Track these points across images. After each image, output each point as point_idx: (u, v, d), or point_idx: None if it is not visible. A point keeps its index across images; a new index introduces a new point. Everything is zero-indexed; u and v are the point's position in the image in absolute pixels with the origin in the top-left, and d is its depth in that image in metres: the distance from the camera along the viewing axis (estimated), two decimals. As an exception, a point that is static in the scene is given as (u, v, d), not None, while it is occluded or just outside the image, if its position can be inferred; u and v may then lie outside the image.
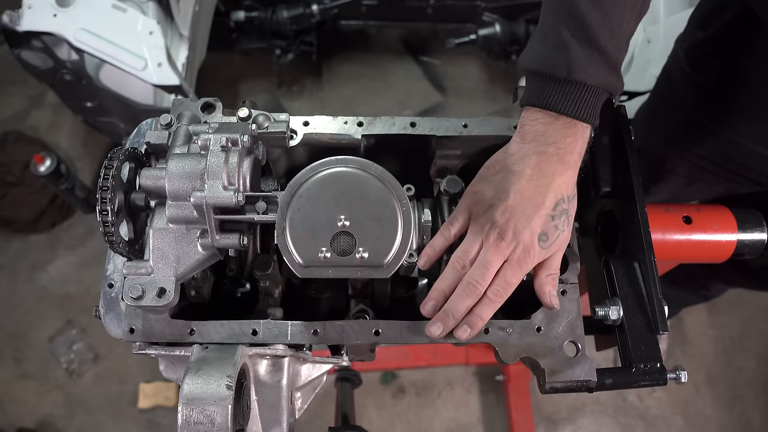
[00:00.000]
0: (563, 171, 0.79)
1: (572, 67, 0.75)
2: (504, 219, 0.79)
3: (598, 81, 0.76)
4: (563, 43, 0.76)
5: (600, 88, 0.77)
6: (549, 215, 0.80)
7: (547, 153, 0.78)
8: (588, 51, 0.75)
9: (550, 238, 0.81)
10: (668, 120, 1.39)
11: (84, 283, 2.71)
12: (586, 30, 0.75)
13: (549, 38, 0.79)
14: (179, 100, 0.93)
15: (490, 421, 2.51)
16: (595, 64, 0.76)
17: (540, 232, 0.79)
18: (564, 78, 0.76)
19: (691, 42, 1.26)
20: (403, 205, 0.78)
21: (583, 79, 0.75)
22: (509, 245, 0.79)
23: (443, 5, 2.88)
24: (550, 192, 0.78)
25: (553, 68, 0.77)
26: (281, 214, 0.77)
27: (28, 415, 2.47)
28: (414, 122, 0.95)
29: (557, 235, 0.81)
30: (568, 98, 0.76)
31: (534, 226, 0.79)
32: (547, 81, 0.78)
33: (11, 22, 1.98)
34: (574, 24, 0.76)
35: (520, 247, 0.79)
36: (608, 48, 0.75)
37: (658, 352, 0.87)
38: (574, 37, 0.75)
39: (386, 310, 0.97)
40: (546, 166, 0.78)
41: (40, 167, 2.51)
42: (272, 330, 0.84)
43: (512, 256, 0.80)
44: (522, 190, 0.79)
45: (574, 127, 0.78)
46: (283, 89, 3.22)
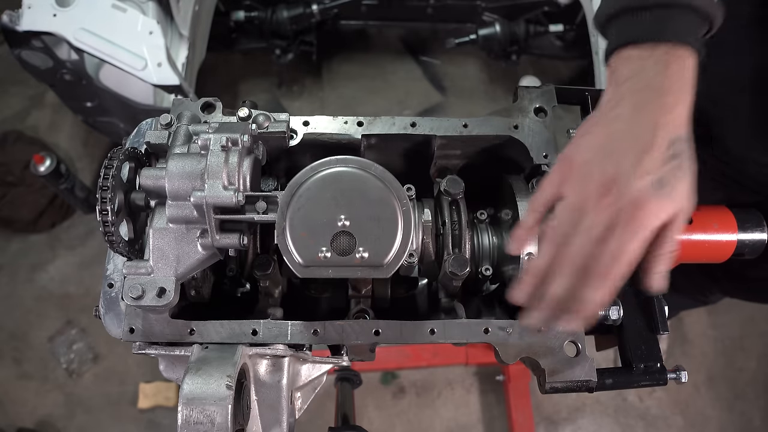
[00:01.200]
0: (673, 106, 0.66)
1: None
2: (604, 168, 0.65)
3: (698, 3, 0.68)
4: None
5: (699, 10, 0.69)
6: (663, 157, 0.64)
7: (649, 88, 0.67)
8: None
9: (668, 185, 0.64)
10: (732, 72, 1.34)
11: (84, 283, 2.71)
12: None
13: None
14: (179, 100, 0.93)
15: (490, 421, 2.51)
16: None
17: (653, 178, 0.64)
18: (655, 3, 0.68)
19: None
20: (403, 205, 0.78)
21: (686, 1, 0.68)
22: (617, 200, 0.64)
23: (443, 5, 2.88)
24: (659, 129, 0.65)
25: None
26: (281, 214, 0.77)
27: (28, 415, 2.47)
28: (414, 122, 0.95)
29: (676, 183, 0.65)
30: (665, 23, 0.68)
31: (643, 170, 0.64)
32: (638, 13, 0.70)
33: (11, 22, 1.98)
34: None
35: (630, 199, 0.63)
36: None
37: (658, 352, 0.87)
38: None
39: (386, 310, 0.97)
40: (650, 102, 0.66)
41: (40, 167, 2.51)
42: (272, 330, 0.83)
43: (622, 214, 0.64)
44: (624, 132, 0.66)
45: (676, 53, 0.68)
46: (283, 89, 3.23)
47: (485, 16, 2.89)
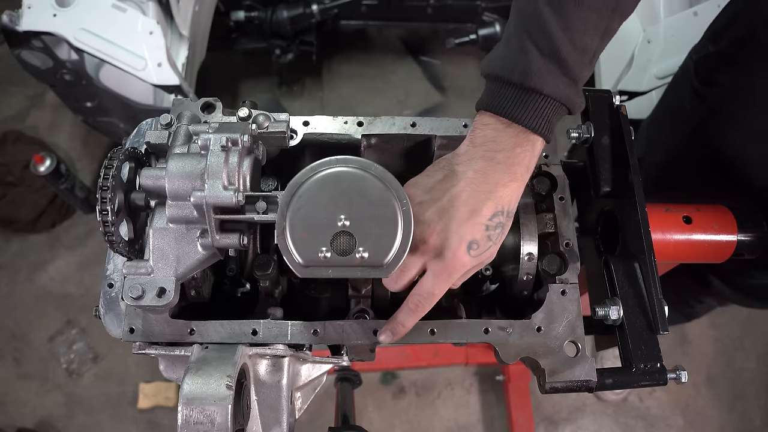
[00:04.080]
0: (508, 182, 0.74)
1: (529, 74, 0.72)
2: (432, 219, 0.75)
3: (554, 92, 0.73)
4: (523, 49, 0.73)
5: (556, 101, 0.73)
6: (484, 224, 0.74)
7: (494, 160, 0.74)
8: (547, 60, 0.72)
9: (480, 247, 0.75)
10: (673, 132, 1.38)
11: (84, 283, 2.71)
12: (546, 38, 0.71)
13: (511, 43, 0.75)
14: (179, 100, 0.93)
15: (490, 421, 2.51)
16: (553, 75, 0.72)
17: (471, 239, 0.74)
18: (519, 84, 0.73)
19: (701, 55, 1.25)
20: (403, 205, 0.78)
21: (539, 88, 0.72)
22: (432, 249, 0.75)
23: (443, 5, 2.88)
24: (489, 200, 0.74)
25: (509, 73, 0.74)
26: (281, 214, 0.76)
27: (28, 415, 2.47)
28: (414, 122, 0.95)
29: (488, 247, 0.75)
30: (522, 105, 0.73)
31: (464, 233, 0.73)
32: (503, 85, 0.75)
33: (11, 22, 1.98)
34: (535, 31, 0.72)
35: (448, 253, 0.74)
36: (569, 60, 0.72)
37: (658, 352, 0.87)
38: (535, 45, 0.72)
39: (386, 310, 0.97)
40: (490, 174, 0.74)
41: (40, 167, 2.51)
42: (272, 330, 0.83)
43: (436, 262, 0.75)
44: (460, 193, 0.74)
45: (526, 137, 0.74)
46: (283, 89, 3.22)
47: (485, 16, 2.89)
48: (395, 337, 0.81)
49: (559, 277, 0.90)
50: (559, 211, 0.94)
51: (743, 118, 1.15)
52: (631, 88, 2.26)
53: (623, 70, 2.30)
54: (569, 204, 0.95)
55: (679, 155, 1.35)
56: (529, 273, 0.94)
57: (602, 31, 0.74)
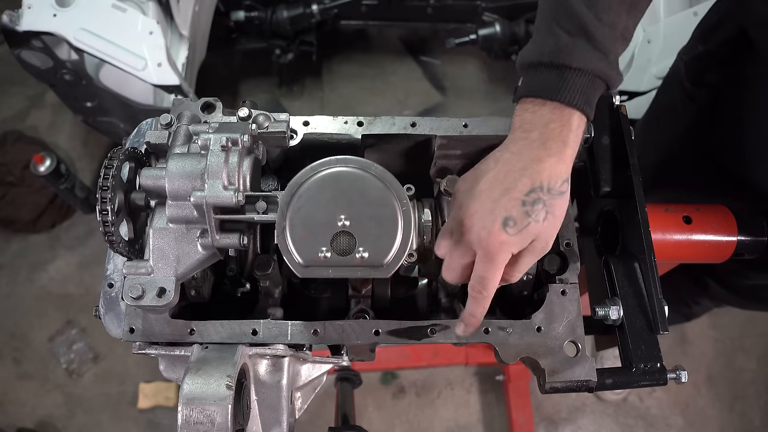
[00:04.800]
0: (544, 157, 0.73)
1: (558, 52, 0.74)
2: (468, 204, 0.75)
3: (584, 64, 0.73)
4: (551, 32, 0.75)
5: (589, 73, 0.74)
6: (519, 200, 0.72)
7: (529, 138, 0.74)
8: (575, 37, 0.74)
9: (518, 224, 0.72)
10: (665, 132, 1.38)
11: (84, 283, 2.71)
12: (572, 18, 0.73)
13: (539, 32, 0.78)
14: (179, 100, 0.93)
15: (490, 421, 2.51)
16: (581, 49, 0.74)
17: (505, 216, 0.72)
18: (549, 63, 0.75)
19: (691, 55, 1.25)
20: (403, 205, 0.78)
21: (568, 62, 0.73)
22: (469, 232, 0.74)
23: (443, 5, 2.88)
24: (524, 177, 0.73)
25: (539, 56, 0.76)
26: (281, 213, 0.77)
27: (28, 415, 2.47)
28: (414, 122, 0.95)
29: (527, 223, 0.72)
30: (554, 82, 0.74)
31: (498, 210, 0.72)
32: (535, 70, 0.77)
33: (11, 22, 1.98)
34: (562, 14, 0.75)
35: (483, 233, 0.73)
36: (596, 34, 0.73)
37: (658, 352, 0.87)
38: (561, 27, 0.74)
39: (386, 310, 0.97)
40: (525, 152, 0.74)
41: (40, 167, 2.51)
42: (272, 330, 0.83)
43: (477, 245, 0.74)
44: (496, 174, 0.75)
45: (560, 112, 0.74)
46: (283, 89, 3.22)
47: (485, 16, 2.89)
48: (470, 328, 0.80)
49: (559, 277, 0.90)
50: (559, 211, 0.94)
51: (734, 117, 1.15)
52: (631, 88, 2.26)
53: (623, 70, 2.30)
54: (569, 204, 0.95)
55: (672, 155, 1.35)
56: (529, 273, 0.94)
57: (628, 5, 0.76)
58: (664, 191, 1.39)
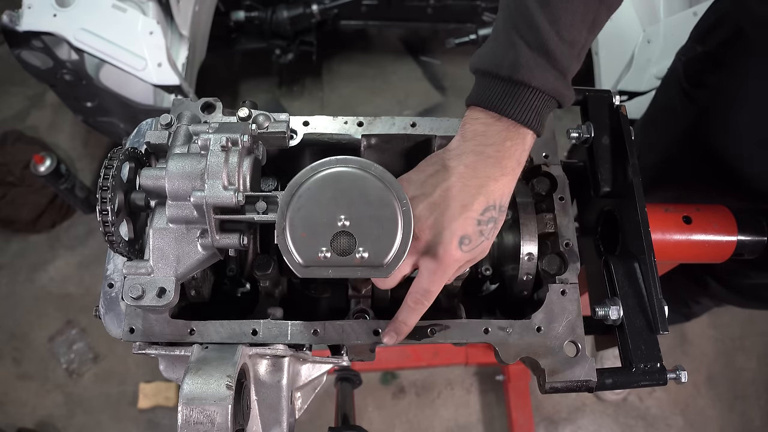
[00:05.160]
0: (499, 176, 0.74)
1: (517, 67, 0.72)
2: (424, 214, 0.75)
3: (543, 85, 0.72)
4: (511, 43, 0.73)
5: (545, 94, 0.73)
6: (475, 219, 0.74)
7: (484, 154, 0.74)
8: (535, 53, 0.72)
9: (472, 242, 0.74)
10: (664, 133, 1.38)
11: (84, 283, 2.71)
12: (534, 32, 0.72)
13: (499, 38, 0.76)
14: (179, 100, 0.93)
15: (490, 421, 2.51)
16: (541, 67, 0.72)
17: (462, 235, 0.74)
18: (507, 77, 0.73)
19: (689, 56, 1.25)
20: (403, 205, 0.78)
21: (527, 80, 0.72)
22: (423, 245, 0.75)
23: (443, 5, 2.88)
24: (480, 195, 0.74)
25: (497, 67, 0.74)
26: (281, 214, 0.76)
27: (28, 415, 2.47)
28: (414, 122, 0.95)
29: (480, 242, 0.75)
30: (511, 99, 0.73)
31: (456, 228, 0.73)
32: (492, 80, 0.75)
33: (11, 22, 1.98)
34: (523, 25, 0.72)
35: (439, 249, 0.74)
36: (556, 52, 0.72)
37: (658, 352, 0.87)
38: (522, 39, 0.72)
39: (386, 310, 0.97)
40: (481, 168, 0.74)
41: (40, 167, 2.51)
42: (272, 330, 0.83)
43: (428, 259, 0.75)
44: (450, 188, 0.74)
45: (516, 131, 0.74)
46: (283, 89, 3.22)
47: (485, 16, 2.89)
48: (399, 336, 0.81)
49: (559, 277, 0.90)
50: (559, 211, 0.94)
51: (733, 117, 1.15)
52: (631, 88, 2.26)
53: (623, 70, 2.30)
54: (569, 204, 0.95)
55: (671, 155, 1.35)
56: (529, 273, 0.94)
57: (590, 23, 0.75)
58: (664, 191, 1.39)
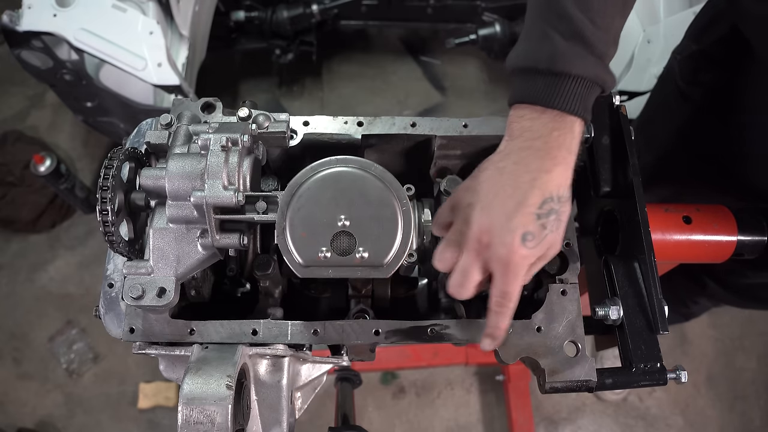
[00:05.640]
0: (551, 167, 0.73)
1: (555, 58, 0.73)
2: (478, 219, 0.73)
3: (583, 71, 0.73)
4: (545, 36, 0.74)
5: (587, 79, 0.73)
6: (534, 213, 0.72)
7: (533, 148, 0.73)
8: (571, 42, 0.72)
9: (536, 238, 0.72)
10: (661, 131, 1.38)
11: (84, 283, 2.71)
12: (567, 21, 0.72)
13: (532, 34, 0.77)
14: (179, 100, 0.93)
15: (490, 421, 2.51)
16: (579, 54, 0.73)
17: (523, 231, 0.72)
18: (547, 69, 0.73)
19: (685, 54, 1.26)
20: (403, 205, 0.78)
21: (567, 70, 0.72)
22: (487, 249, 0.73)
23: (443, 5, 2.88)
24: (534, 189, 0.72)
25: (535, 62, 0.74)
26: (281, 213, 0.77)
27: (28, 415, 2.47)
28: (414, 122, 0.95)
29: (545, 236, 0.73)
30: (553, 90, 0.73)
31: (515, 225, 0.71)
32: (532, 75, 0.75)
33: (11, 22, 1.98)
34: (555, 17, 0.73)
35: (503, 249, 0.72)
36: (592, 39, 0.72)
37: (658, 352, 0.87)
38: (556, 30, 0.73)
39: (386, 310, 0.97)
40: (531, 162, 0.73)
41: (40, 167, 2.51)
42: (272, 330, 0.84)
43: (496, 262, 0.73)
44: (503, 187, 0.73)
45: (563, 120, 0.74)
46: (283, 89, 3.22)
47: (485, 16, 2.89)
48: (496, 342, 0.79)
49: (559, 277, 0.90)
50: (559, 211, 0.94)
51: (728, 115, 1.15)
52: (631, 88, 2.26)
53: (623, 70, 2.30)
54: (569, 204, 0.95)
55: (668, 153, 1.35)
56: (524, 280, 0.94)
57: (620, 6, 0.76)
58: (660, 189, 1.39)
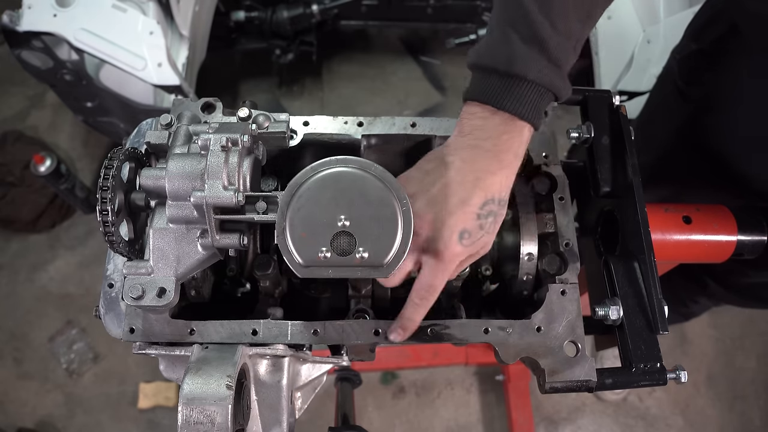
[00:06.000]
0: (497, 170, 0.74)
1: (512, 61, 0.72)
2: (422, 210, 0.75)
3: (539, 78, 0.73)
4: (505, 38, 0.73)
5: (542, 86, 0.73)
6: (475, 213, 0.74)
7: (482, 148, 0.74)
8: (529, 46, 0.72)
9: (472, 237, 0.74)
10: (660, 131, 1.39)
11: (84, 283, 2.71)
12: (527, 24, 0.72)
13: (494, 33, 0.76)
14: (179, 100, 0.93)
15: (490, 421, 2.52)
16: (536, 60, 0.72)
17: (462, 229, 0.73)
18: (504, 71, 0.73)
19: (684, 54, 1.26)
20: (403, 205, 0.78)
21: (523, 73, 0.72)
22: (424, 241, 0.75)
23: (443, 5, 2.88)
24: (478, 189, 0.73)
25: (493, 61, 0.74)
26: (281, 214, 0.77)
27: (28, 415, 2.48)
28: (414, 122, 0.95)
29: (480, 236, 0.75)
30: (507, 92, 0.73)
31: (454, 222, 0.73)
32: (488, 74, 0.75)
33: (11, 22, 1.98)
34: (517, 19, 0.73)
35: (439, 244, 0.74)
36: (550, 44, 0.72)
37: (658, 352, 0.87)
38: (516, 32, 0.72)
39: (386, 310, 0.97)
40: (478, 162, 0.74)
41: (40, 167, 2.51)
42: (272, 330, 0.83)
43: (429, 254, 0.75)
44: (449, 183, 0.74)
45: (513, 124, 0.74)
46: (283, 89, 3.22)
47: (485, 16, 2.89)
48: (406, 333, 0.81)
49: (559, 277, 0.90)
50: (559, 211, 0.94)
51: (727, 115, 1.15)
52: (631, 88, 2.26)
53: (623, 70, 2.30)
54: (569, 204, 0.95)
55: (667, 153, 1.35)
56: (529, 273, 0.94)
57: (584, 15, 0.75)
58: (660, 188, 1.39)
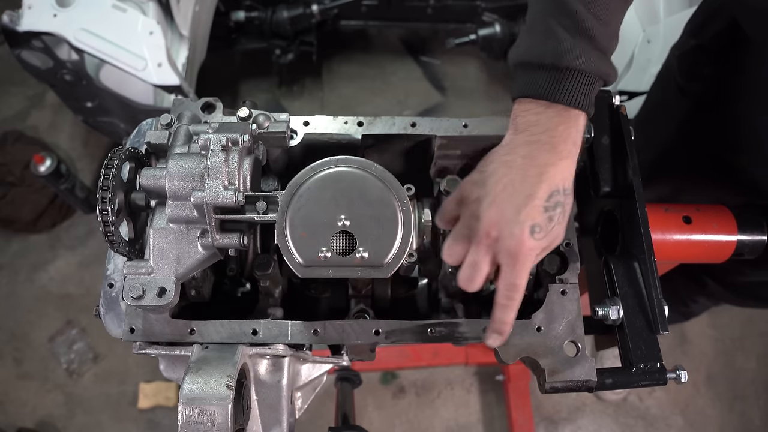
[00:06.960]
0: (557, 161, 0.74)
1: (560, 54, 0.74)
2: (487, 213, 0.74)
3: (588, 66, 0.74)
4: (550, 31, 0.75)
5: (591, 74, 0.75)
6: (542, 206, 0.73)
7: (540, 142, 0.75)
8: (576, 37, 0.74)
9: (544, 230, 0.74)
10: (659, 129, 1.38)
11: (84, 283, 2.71)
12: (572, 17, 0.73)
13: (536, 29, 0.78)
14: (179, 100, 0.93)
15: (490, 421, 2.51)
16: (584, 50, 0.74)
17: (532, 224, 0.73)
18: (552, 65, 0.74)
19: (683, 50, 1.26)
20: (403, 205, 0.78)
21: (573, 65, 0.74)
22: (496, 242, 0.74)
23: (443, 5, 2.88)
24: (542, 182, 0.73)
25: (540, 57, 0.76)
26: (281, 213, 0.77)
27: (28, 415, 2.47)
28: (414, 122, 0.95)
29: (551, 227, 0.75)
30: (559, 85, 0.74)
31: (523, 218, 0.73)
32: (536, 70, 0.76)
33: (11, 22, 1.98)
34: (559, 12, 0.74)
35: (512, 241, 0.73)
36: (596, 34, 0.74)
37: (658, 352, 0.87)
38: (561, 25, 0.74)
39: (386, 310, 0.97)
40: (538, 155, 0.74)
41: (40, 167, 2.51)
42: (272, 330, 0.84)
43: (504, 254, 0.75)
44: (512, 181, 0.74)
45: (567, 114, 0.75)
46: (283, 89, 3.22)
47: (485, 16, 2.89)
48: (503, 337, 0.80)
49: (559, 277, 0.90)
50: (559, 211, 0.94)
51: (727, 110, 1.15)
52: (631, 88, 2.26)
53: (623, 70, 2.30)
54: (569, 203, 0.95)
55: (666, 151, 1.35)
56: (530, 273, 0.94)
57: (623, 1, 0.78)
58: (660, 186, 1.39)
